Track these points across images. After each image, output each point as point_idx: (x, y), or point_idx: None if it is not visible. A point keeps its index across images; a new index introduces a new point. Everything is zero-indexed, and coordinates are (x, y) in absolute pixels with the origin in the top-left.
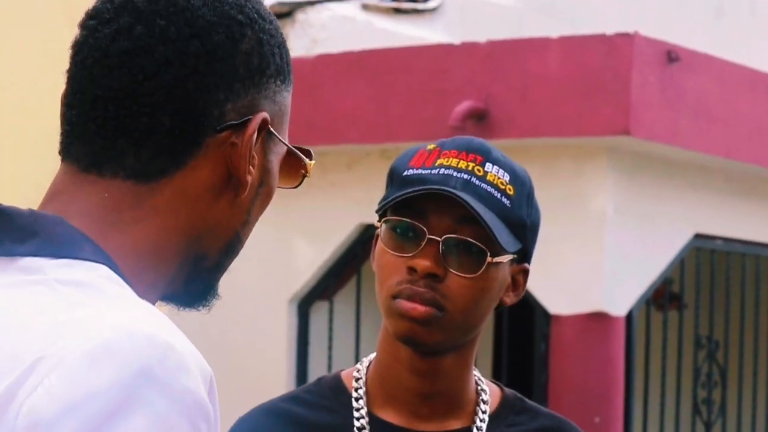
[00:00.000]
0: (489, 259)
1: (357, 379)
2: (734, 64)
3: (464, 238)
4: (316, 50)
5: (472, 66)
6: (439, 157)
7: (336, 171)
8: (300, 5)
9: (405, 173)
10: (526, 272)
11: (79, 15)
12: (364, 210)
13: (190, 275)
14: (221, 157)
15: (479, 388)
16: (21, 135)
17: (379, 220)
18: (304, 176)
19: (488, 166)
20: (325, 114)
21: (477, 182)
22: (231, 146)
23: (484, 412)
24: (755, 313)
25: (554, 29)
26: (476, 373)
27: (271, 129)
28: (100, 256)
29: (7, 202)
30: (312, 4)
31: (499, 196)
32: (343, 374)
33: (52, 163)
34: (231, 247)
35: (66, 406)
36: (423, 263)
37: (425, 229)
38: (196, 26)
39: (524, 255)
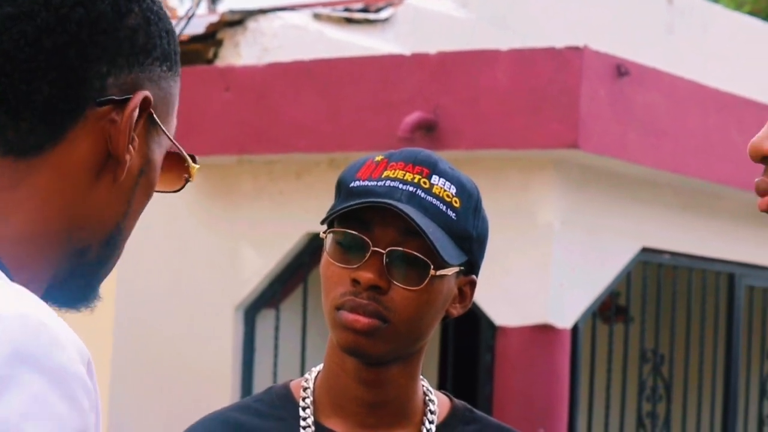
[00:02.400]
0: (432, 272)
1: (305, 389)
2: (684, 79)
3: (408, 251)
4: (267, 59)
5: (422, 77)
6: (386, 169)
7: (285, 180)
8: (251, 14)
9: (352, 185)
10: (473, 284)
11: None
12: (312, 219)
13: (72, 270)
14: (100, 134)
15: (427, 398)
16: None
17: (324, 231)
18: (187, 180)
19: (434, 179)
20: (275, 123)
21: (422, 195)
22: (110, 123)
23: (431, 422)
24: (701, 328)
25: (505, 42)
26: (424, 383)
27: (154, 115)
28: None
29: None
30: (263, 12)
31: (444, 208)
32: (292, 384)
33: None
34: (113, 241)
35: None
36: (366, 275)
37: (369, 241)
38: None
39: (471, 267)
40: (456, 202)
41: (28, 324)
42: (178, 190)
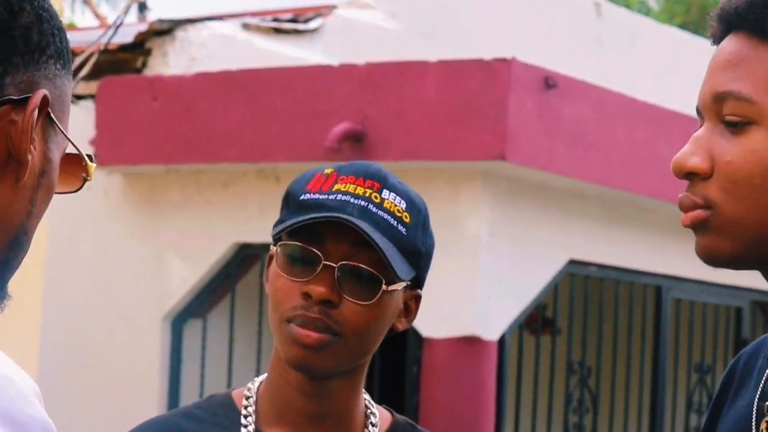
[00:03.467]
0: (384, 287)
1: (247, 398)
2: (612, 91)
3: (360, 265)
4: (195, 68)
5: (350, 88)
6: (336, 182)
7: (212, 189)
8: (180, 23)
9: (302, 197)
10: (418, 298)
11: None
12: (239, 229)
13: None
14: (1, 134)
15: (368, 411)
16: None
17: (274, 244)
18: (85, 180)
19: (385, 193)
20: (203, 132)
21: (374, 209)
22: (10, 123)
23: (374, 425)
24: (628, 340)
25: (434, 53)
26: (366, 396)
27: (51, 114)
28: None
29: None
30: (192, 22)
31: (395, 223)
32: (234, 392)
33: None
34: (18, 241)
35: None
36: (318, 289)
37: (321, 254)
38: None
39: (417, 281)
40: (406, 217)
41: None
42: (77, 190)
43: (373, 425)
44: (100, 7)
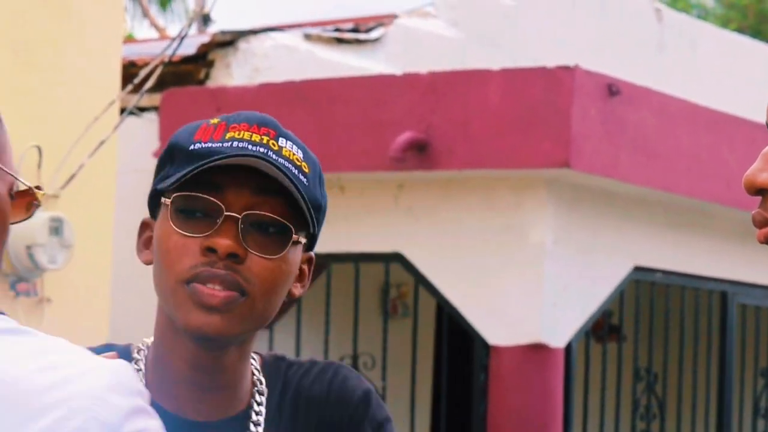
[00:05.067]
0: (295, 237)
1: (137, 360)
2: (674, 97)
3: (267, 214)
4: (258, 79)
5: (413, 97)
6: (227, 131)
7: None
8: (242, 34)
9: (192, 147)
10: (311, 261)
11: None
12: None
13: None
14: None
15: (255, 378)
16: None
17: (161, 197)
18: (37, 206)
19: (282, 141)
20: None
21: (274, 156)
22: None
23: (261, 394)
24: (694, 346)
25: (495, 62)
26: (254, 363)
27: None
28: None
29: None
30: (254, 33)
31: (296, 172)
32: (132, 347)
33: None
34: None
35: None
36: (224, 242)
37: (222, 205)
38: None
39: (311, 242)
40: (305, 167)
41: (128, 371)
42: (29, 217)
43: (260, 393)
44: (158, 18)
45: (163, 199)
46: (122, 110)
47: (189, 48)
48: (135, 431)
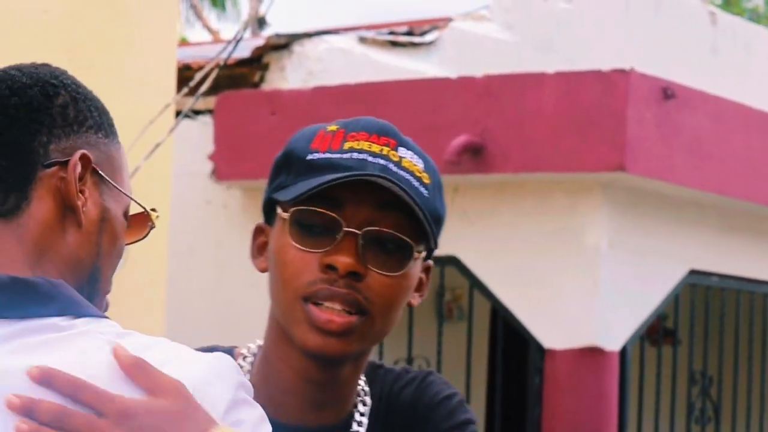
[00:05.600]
0: (416, 254)
1: (241, 365)
2: (729, 101)
3: (387, 231)
4: (313, 82)
5: (468, 100)
6: (345, 140)
7: None
8: (297, 37)
9: (309, 157)
10: (429, 270)
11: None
12: None
13: None
14: (56, 190)
15: (360, 389)
16: None
17: (277, 206)
18: (152, 227)
19: (402, 151)
20: None
21: (394, 168)
22: (60, 180)
23: (365, 404)
24: (749, 349)
25: (550, 65)
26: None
27: (98, 169)
28: (92, 309)
29: None
30: (309, 36)
31: (417, 184)
32: (236, 351)
33: None
34: (93, 278)
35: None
36: (344, 260)
37: (342, 220)
38: (14, 87)
39: (430, 251)
40: (426, 178)
41: (228, 363)
42: (143, 238)
43: (363, 404)
44: (210, 21)
45: (279, 211)
46: (177, 113)
47: (243, 51)
48: (235, 421)
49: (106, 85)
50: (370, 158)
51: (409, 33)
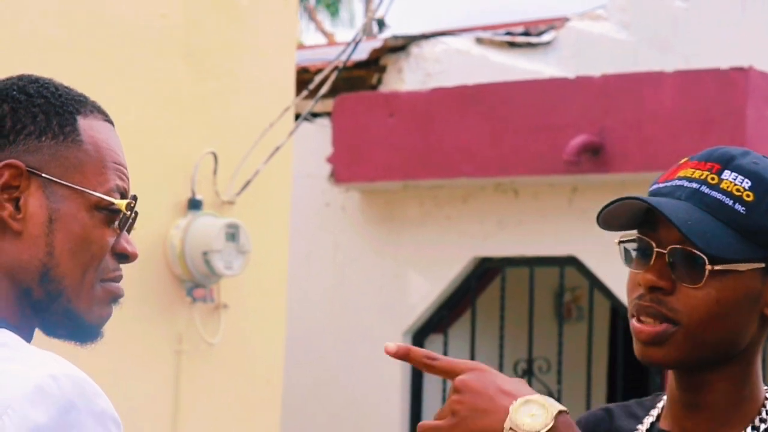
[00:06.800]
0: (708, 267)
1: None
2: None
3: (684, 247)
4: (431, 84)
5: (586, 100)
6: (680, 169)
7: (451, 205)
8: (414, 39)
9: (650, 189)
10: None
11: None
12: (478, 243)
13: (35, 308)
14: None
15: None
16: (136, 175)
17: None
18: (128, 216)
19: (725, 174)
20: (440, 148)
21: (706, 191)
22: None
23: (763, 421)
24: None
25: (667, 64)
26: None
27: (40, 173)
28: None
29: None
30: (426, 37)
31: (730, 203)
32: None
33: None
34: (46, 278)
35: None
36: (646, 277)
37: (653, 242)
38: None
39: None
40: (748, 196)
41: (76, 380)
42: (125, 229)
43: (762, 421)
44: (324, 24)
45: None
46: (296, 116)
47: (361, 53)
48: None
49: (226, 89)
50: (685, 183)
51: (526, 33)
